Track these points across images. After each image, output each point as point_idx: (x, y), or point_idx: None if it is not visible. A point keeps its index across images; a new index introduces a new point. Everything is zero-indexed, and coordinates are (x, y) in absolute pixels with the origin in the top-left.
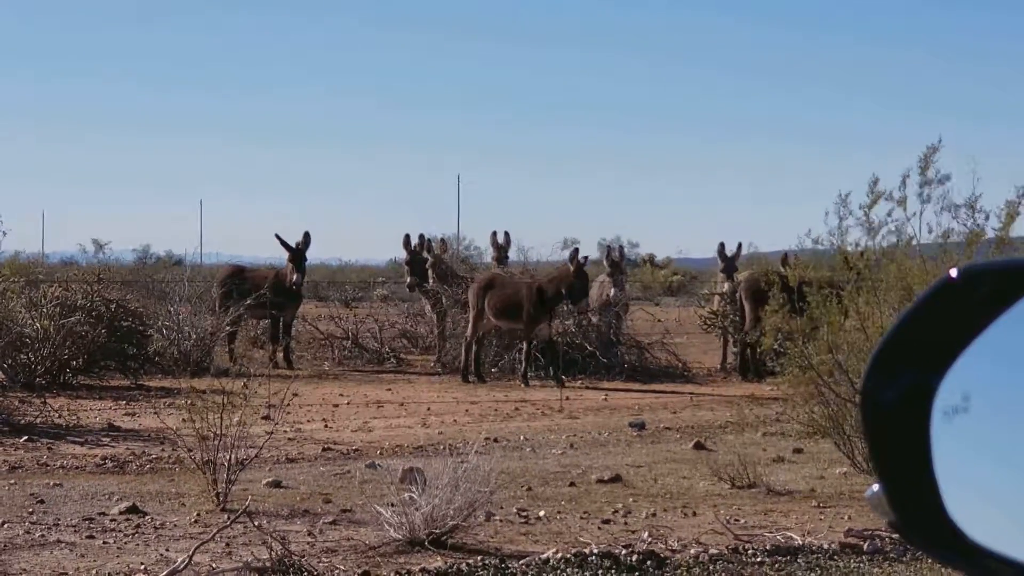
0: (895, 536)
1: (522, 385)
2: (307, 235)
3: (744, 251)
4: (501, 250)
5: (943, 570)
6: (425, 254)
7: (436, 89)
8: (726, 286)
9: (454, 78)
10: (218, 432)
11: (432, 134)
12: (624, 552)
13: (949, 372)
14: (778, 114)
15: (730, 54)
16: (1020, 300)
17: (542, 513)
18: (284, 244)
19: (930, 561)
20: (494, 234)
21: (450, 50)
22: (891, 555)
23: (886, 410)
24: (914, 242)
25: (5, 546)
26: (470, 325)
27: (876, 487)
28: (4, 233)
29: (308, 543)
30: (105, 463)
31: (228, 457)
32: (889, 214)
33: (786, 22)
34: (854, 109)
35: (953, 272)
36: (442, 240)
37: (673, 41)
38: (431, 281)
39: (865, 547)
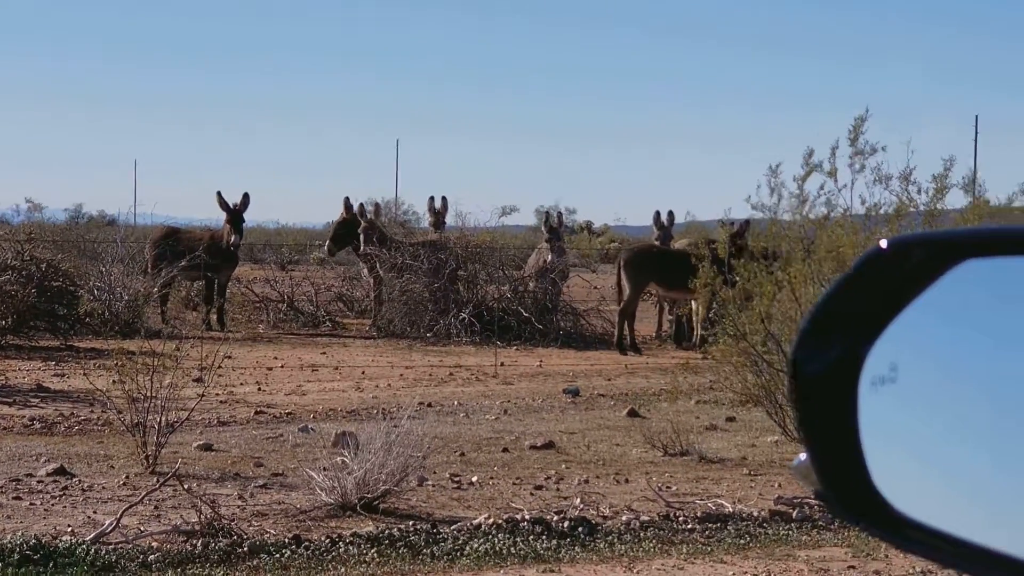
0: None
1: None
2: (246, 196)
3: (681, 219)
4: (438, 216)
5: (870, 539)
6: (361, 220)
7: (376, 52)
8: None
9: (393, 41)
10: (148, 394)
11: (372, 98)
12: (556, 518)
13: (877, 342)
14: (716, 79)
15: (667, 18)
16: (948, 271)
17: (475, 479)
18: (223, 204)
19: (858, 530)
20: (431, 200)
21: (389, 13)
22: (820, 523)
23: (814, 380)
24: (845, 213)
25: None
26: (628, 297)
27: (803, 456)
28: None
29: (239, 507)
30: (33, 424)
31: (158, 419)
32: (822, 187)
33: None
34: (795, 71)
35: (883, 243)
36: (376, 205)
37: (609, 5)
38: (362, 246)
39: (794, 515)
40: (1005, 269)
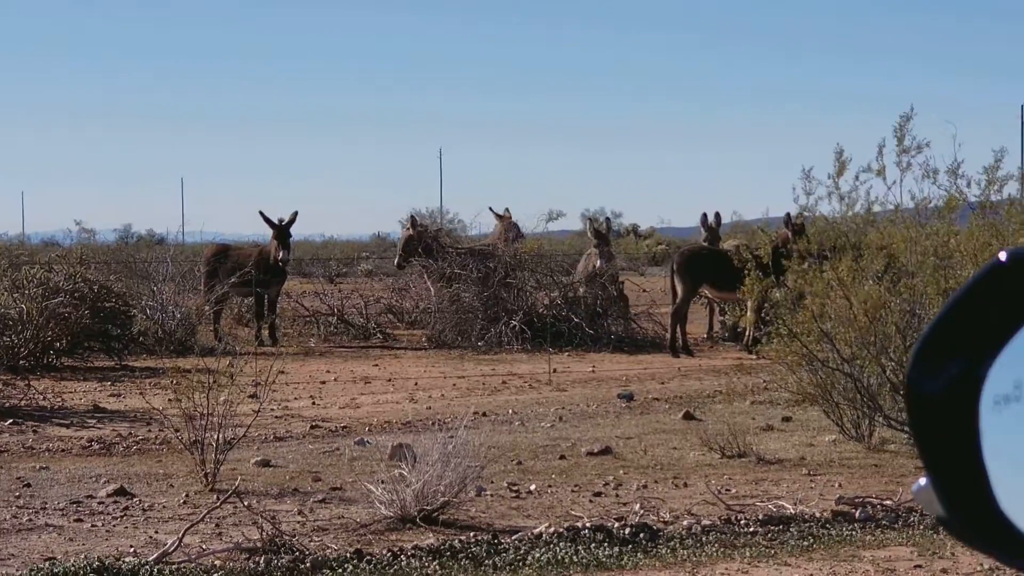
0: (886, 503)
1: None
2: (295, 214)
3: (727, 219)
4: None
5: (935, 537)
6: (408, 230)
7: (416, 63)
8: None
9: (433, 51)
10: (205, 412)
11: (413, 108)
12: (617, 525)
13: (999, 360)
14: (759, 81)
15: (712, 21)
16: None
17: (533, 487)
18: (268, 221)
19: (922, 528)
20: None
21: (429, 23)
22: (883, 522)
23: (932, 401)
24: (895, 209)
25: None
26: (680, 299)
27: (923, 481)
28: None
29: (299, 522)
30: (91, 445)
31: (216, 437)
32: (856, 178)
33: None
34: (837, 71)
35: (1002, 255)
36: (411, 217)
37: (653, 9)
38: (397, 257)
39: (857, 515)
40: None
